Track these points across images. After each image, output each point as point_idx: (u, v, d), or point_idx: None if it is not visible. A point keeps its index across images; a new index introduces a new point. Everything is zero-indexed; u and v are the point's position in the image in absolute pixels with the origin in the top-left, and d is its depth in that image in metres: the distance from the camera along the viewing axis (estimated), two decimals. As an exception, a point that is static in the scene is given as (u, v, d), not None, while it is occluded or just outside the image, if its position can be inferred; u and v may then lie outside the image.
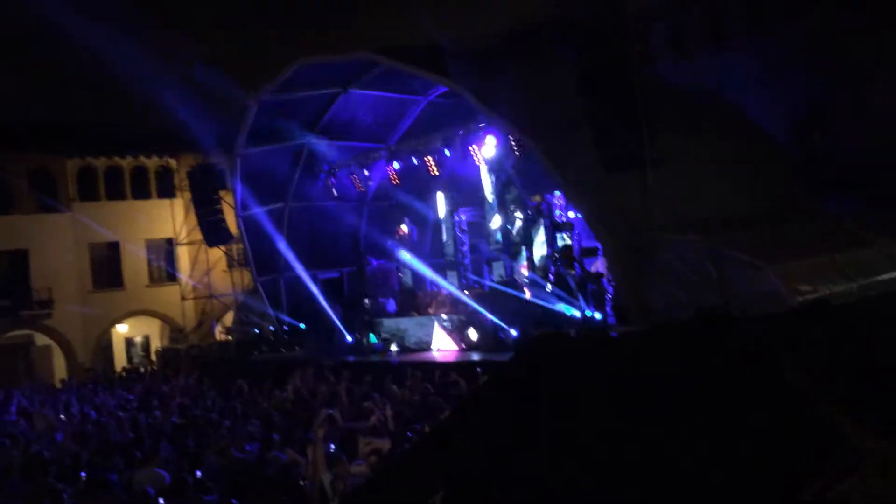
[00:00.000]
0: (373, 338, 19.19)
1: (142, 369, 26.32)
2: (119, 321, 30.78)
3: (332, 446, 8.42)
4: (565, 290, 16.08)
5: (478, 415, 2.78)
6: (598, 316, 14.84)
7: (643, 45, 13.27)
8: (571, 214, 17.16)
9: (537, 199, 18.68)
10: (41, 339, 29.49)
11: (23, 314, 27.89)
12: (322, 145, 22.90)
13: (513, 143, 17.00)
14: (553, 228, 17.43)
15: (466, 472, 2.36)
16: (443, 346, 17.47)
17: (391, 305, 20.21)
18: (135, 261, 30.83)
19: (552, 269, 17.18)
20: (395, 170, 21.25)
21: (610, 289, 15.35)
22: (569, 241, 17.00)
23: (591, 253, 16.29)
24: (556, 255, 17.01)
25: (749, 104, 16.37)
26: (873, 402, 2.25)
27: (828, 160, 16.15)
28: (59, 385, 24.38)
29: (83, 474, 8.91)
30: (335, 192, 22.71)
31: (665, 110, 13.67)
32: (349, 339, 19.71)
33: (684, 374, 2.56)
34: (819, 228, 14.10)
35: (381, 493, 2.63)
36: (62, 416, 15.02)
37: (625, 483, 2.09)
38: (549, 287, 16.57)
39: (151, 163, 31.48)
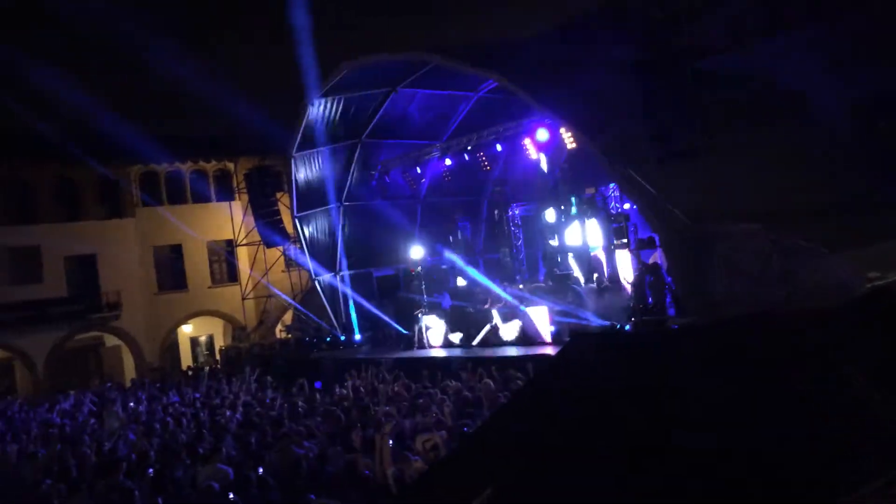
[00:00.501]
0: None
1: (206, 368, 27.02)
2: (184, 321, 31.67)
3: (391, 442, 8.51)
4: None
5: (525, 411, 2.78)
6: (654, 309, 14.61)
7: (699, 36, 13.01)
8: (626, 206, 16.95)
9: (591, 191, 18.50)
10: (110, 340, 30.55)
11: (93, 317, 28.92)
12: (374, 145, 23.12)
13: (565, 136, 16.88)
14: (608, 220, 17.24)
15: (513, 470, 2.36)
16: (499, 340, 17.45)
17: (446, 301, 20.29)
18: (197, 262, 31.65)
19: (606, 261, 17.00)
20: (447, 167, 21.31)
21: (668, 279, 15.11)
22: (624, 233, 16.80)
23: (648, 244, 16.06)
24: (611, 247, 16.82)
25: (810, 93, 15.86)
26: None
27: (893, 149, 15.53)
28: (128, 384, 25.22)
29: (150, 471, 9.18)
30: (388, 191, 22.88)
31: (722, 100, 13.38)
32: (405, 334, 19.87)
33: (742, 374, 2.51)
34: (885, 217, 13.59)
35: (433, 489, 2.66)
36: (132, 410, 15.55)
37: (676, 485, 2.06)
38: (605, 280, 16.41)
39: (210, 166, 32.26)
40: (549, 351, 14.71)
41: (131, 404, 16.91)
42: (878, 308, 2.69)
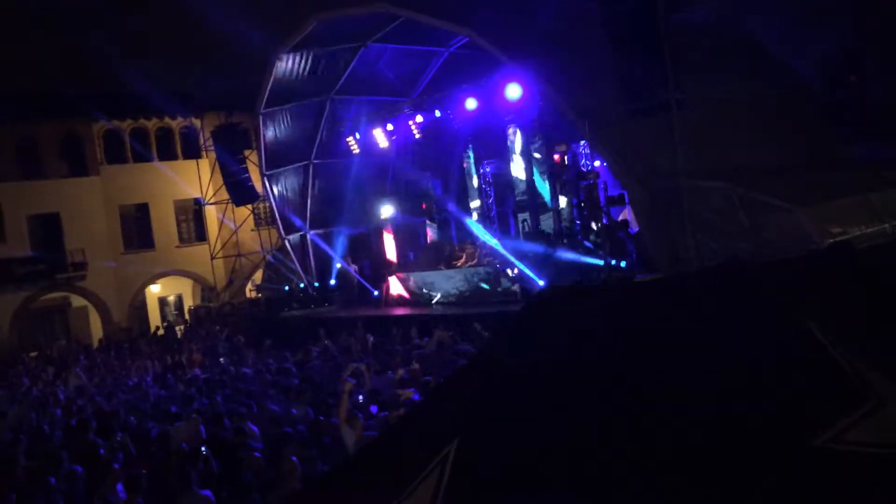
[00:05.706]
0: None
1: (176, 328, 26.84)
2: (151, 281, 31.29)
3: (361, 397, 8.54)
4: (591, 240, 16.01)
5: (490, 363, 2.78)
6: (623, 265, 14.72)
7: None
8: (597, 164, 16.96)
9: (562, 148, 18.46)
10: (77, 301, 30.11)
11: (58, 277, 28.44)
12: (344, 101, 22.77)
13: (537, 92, 16.76)
14: (577, 178, 17.24)
15: (479, 420, 2.36)
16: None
17: (415, 260, 20.30)
18: (164, 222, 31.20)
19: (577, 219, 17.06)
20: (418, 123, 21.09)
21: (635, 235, 15.21)
22: (594, 190, 16.82)
23: (618, 202, 16.11)
24: (582, 204, 16.86)
25: (781, 48, 15.85)
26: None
27: (862, 105, 15.66)
28: (96, 345, 25.01)
29: (119, 435, 9.09)
30: (359, 148, 22.63)
31: (693, 55, 13.32)
32: (375, 293, 19.87)
33: (702, 322, 2.53)
34: (852, 173, 13.76)
35: (395, 445, 2.66)
36: (98, 371, 15.43)
37: (634, 430, 2.08)
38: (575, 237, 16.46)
39: (176, 124, 31.59)
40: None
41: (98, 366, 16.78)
42: (838, 263, 2.72)
